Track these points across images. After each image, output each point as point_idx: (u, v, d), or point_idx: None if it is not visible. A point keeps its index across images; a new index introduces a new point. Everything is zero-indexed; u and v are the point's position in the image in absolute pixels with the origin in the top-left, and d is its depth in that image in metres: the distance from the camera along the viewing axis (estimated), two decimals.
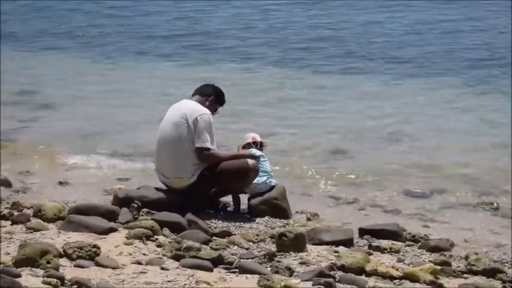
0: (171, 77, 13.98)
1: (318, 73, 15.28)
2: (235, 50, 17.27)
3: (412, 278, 5.82)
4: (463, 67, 16.06)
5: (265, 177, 7.72)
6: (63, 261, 5.55)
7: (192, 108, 7.50)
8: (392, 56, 16.88)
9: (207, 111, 7.48)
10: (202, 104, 7.61)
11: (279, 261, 6.04)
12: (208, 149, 7.34)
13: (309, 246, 6.54)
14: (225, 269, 5.81)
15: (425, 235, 7.22)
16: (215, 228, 6.98)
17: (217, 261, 5.87)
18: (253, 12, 23.41)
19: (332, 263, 6.05)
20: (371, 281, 5.71)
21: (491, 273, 6.11)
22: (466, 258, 6.51)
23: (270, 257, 6.16)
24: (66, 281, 5.13)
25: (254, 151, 7.80)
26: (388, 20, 21.44)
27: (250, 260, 6.09)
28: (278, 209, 7.61)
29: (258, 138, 8.07)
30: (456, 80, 14.70)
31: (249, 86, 13.69)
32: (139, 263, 5.74)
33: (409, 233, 7.21)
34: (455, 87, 14.26)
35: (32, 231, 6.43)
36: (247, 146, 7.97)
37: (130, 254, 5.93)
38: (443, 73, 15.45)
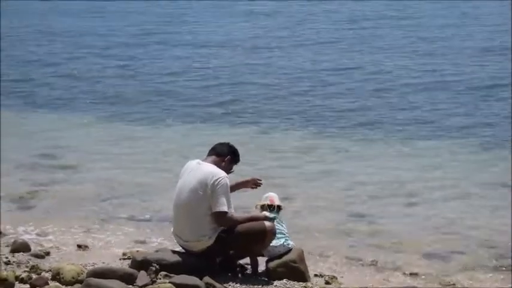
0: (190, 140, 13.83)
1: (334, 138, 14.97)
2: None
3: None
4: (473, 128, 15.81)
5: (282, 240, 7.60)
6: None
7: (209, 172, 7.35)
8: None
9: (223, 174, 7.33)
10: (219, 164, 7.48)
11: None
12: (226, 213, 7.24)
13: None
14: None
15: None
16: None
17: None
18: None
19: None
20: None
21: None
22: None
23: None
24: None
25: (268, 214, 7.69)
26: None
27: None
28: (296, 272, 7.46)
29: (276, 201, 7.89)
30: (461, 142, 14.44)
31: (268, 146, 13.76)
32: None
33: None
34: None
35: None
36: (265, 207, 7.81)
37: None
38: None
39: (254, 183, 7.93)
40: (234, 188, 7.71)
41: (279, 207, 7.79)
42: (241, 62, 24.15)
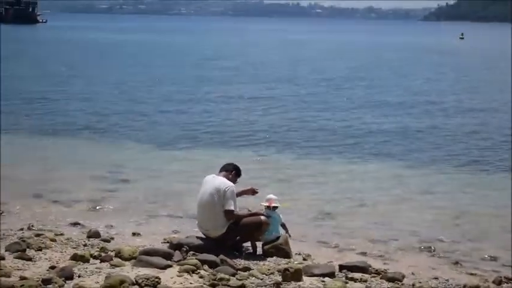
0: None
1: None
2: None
3: None
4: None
5: (273, 231, 7.94)
6: None
7: (222, 182, 7.78)
8: None
9: (231, 184, 7.78)
10: (227, 177, 7.87)
11: None
12: (233, 211, 7.66)
13: (304, 278, 6.81)
14: None
15: (385, 270, 7.58)
16: (239, 265, 7.18)
17: None
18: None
19: None
20: None
21: None
22: (413, 285, 6.99)
23: (277, 285, 6.48)
24: None
25: (264, 211, 7.95)
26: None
27: (263, 287, 6.37)
28: (283, 252, 7.86)
29: (273, 203, 8.04)
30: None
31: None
32: None
33: (374, 268, 7.54)
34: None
35: (114, 267, 6.80)
36: (265, 207, 8.03)
37: (181, 283, 6.32)
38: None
39: (252, 192, 8.33)
40: (240, 194, 8.04)
41: (274, 208, 8.04)
42: None
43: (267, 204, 8.12)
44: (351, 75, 35.80)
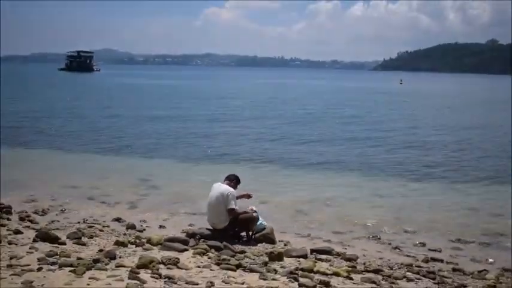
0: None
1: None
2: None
3: (337, 274, 6.22)
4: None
5: (261, 223, 7.97)
6: (161, 266, 5.95)
7: (225, 188, 7.81)
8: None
9: (232, 189, 7.82)
10: (229, 185, 7.90)
11: (269, 266, 6.41)
12: (234, 209, 7.67)
13: (285, 258, 6.83)
14: (243, 270, 6.14)
15: (344, 252, 7.56)
16: (237, 249, 7.17)
17: (239, 266, 6.24)
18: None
19: (297, 267, 6.39)
20: (316, 276, 6.04)
21: (376, 271, 6.57)
22: (364, 264, 6.97)
23: (265, 263, 6.54)
24: (163, 276, 5.54)
25: (255, 209, 7.99)
26: None
27: (255, 265, 6.39)
28: (269, 239, 7.83)
29: (255, 208, 8.05)
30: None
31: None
32: (199, 267, 6.14)
33: (336, 252, 7.54)
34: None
35: (145, 250, 6.79)
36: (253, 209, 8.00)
37: (195, 263, 6.33)
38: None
39: (247, 196, 8.26)
40: (239, 197, 8.00)
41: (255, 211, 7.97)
42: None
43: (253, 207, 8.14)
44: (324, 110, 35.63)
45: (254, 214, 7.86)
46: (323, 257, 7.20)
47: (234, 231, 7.89)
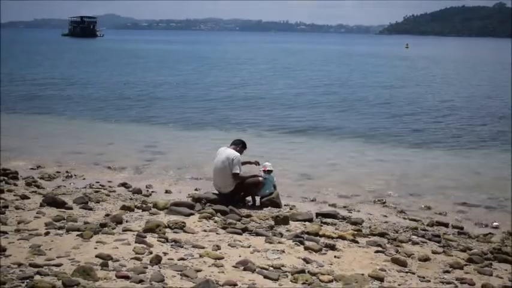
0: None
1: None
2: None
3: (343, 237, 6.17)
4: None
5: (267, 188, 7.95)
6: (167, 230, 5.96)
7: (231, 152, 7.78)
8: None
9: (238, 154, 7.79)
10: (235, 149, 7.87)
11: (275, 230, 6.40)
12: (238, 173, 7.66)
13: (291, 222, 6.83)
14: (249, 233, 6.15)
15: (349, 216, 7.58)
16: (243, 213, 7.20)
17: (245, 230, 6.23)
18: None
19: (302, 230, 6.39)
20: (322, 239, 6.02)
21: (382, 235, 6.54)
22: (369, 227, 6.93)
23: (271, 227, 6.52)
24: (169, 240, 5.56)
25: (262, 174, 8.00)
26: None
27: (261, 229, 6.37)
28: (275, 203, 7.84)
29: (268, 168, 8.13)
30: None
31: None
32: (205, 231, 6.14)
33: (341, 215, 7.53)
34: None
35: (152, 214, 6.79)
36: (261, 171, 8.10)
37: (201, 226, 6.31)
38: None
39: (256, 163, 8.20)
40: (245, 163, 8.00)
41: (269, 171, 8.14)
42: None
43: (263, 169, 8.12)
44: (332, 76, 34.86)
45: (260, 179, 7.86)
46: (328, 220, 7.20)
47: (239, 196, 7.91)
